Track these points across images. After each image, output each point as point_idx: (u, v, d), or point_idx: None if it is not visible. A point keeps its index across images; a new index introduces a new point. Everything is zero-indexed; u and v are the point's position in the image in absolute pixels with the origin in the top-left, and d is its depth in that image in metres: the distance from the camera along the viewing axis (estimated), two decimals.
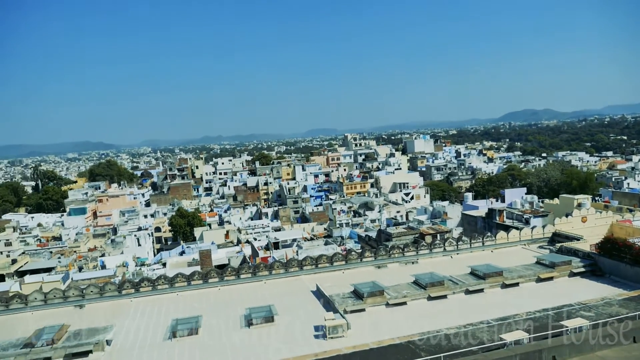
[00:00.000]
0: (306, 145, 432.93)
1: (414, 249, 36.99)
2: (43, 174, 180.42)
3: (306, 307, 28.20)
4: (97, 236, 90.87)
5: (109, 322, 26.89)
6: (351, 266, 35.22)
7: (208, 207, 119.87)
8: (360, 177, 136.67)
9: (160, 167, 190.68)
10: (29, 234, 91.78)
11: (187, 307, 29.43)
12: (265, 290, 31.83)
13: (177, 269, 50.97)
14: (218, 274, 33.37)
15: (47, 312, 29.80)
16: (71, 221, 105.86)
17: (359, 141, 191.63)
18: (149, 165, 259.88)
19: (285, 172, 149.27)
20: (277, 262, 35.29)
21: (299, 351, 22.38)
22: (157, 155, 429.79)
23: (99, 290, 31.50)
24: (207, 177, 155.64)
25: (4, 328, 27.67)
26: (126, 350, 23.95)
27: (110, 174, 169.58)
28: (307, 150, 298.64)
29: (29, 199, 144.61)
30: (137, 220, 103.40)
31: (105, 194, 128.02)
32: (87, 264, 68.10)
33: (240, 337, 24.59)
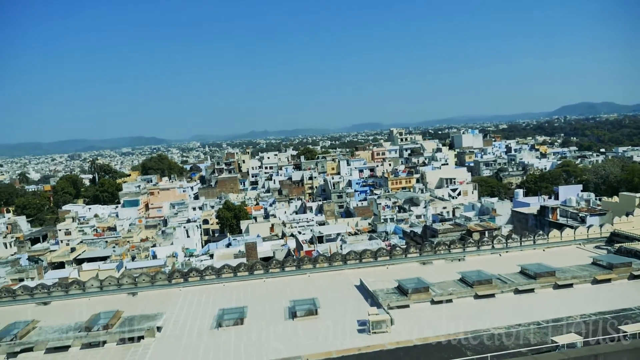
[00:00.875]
0: (351, 140, 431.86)
1: (460, 246, 36.19)
2: (100, 167, 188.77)
3: (349, 301, 28.18)
4: (149, 227, 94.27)
5: (160, 310, 27.86)
6: (395, 262, 34.88)
7: (254, 200, 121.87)
8: (405, 172, 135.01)
9: (209, 162, 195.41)
10: (87, 224, 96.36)
11: (233, 298, 30.06)
12: (309, 284, 32.04)
13: (223, 260, 52.20)
14: (263, 266, 33.87)
15: (103, 299, 31.20)
16: (125, 212, 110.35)
17: (404, 136, 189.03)
18: (198, 159, 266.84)
19: (330, 167, 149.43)
20: (321, 256, 35.43)
21: (342, 345, 22.40)
22: (206, 150, 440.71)
23: (150, 279, 32.67)
24: (253, 171, 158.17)
25: (63, 312, 29.23)
26: (175, 337, 24.74)
27: (162, 168, 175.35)
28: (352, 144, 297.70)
29: (86, 191, 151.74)
30: (186, 212, 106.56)
31: (157, 187, 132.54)
32: (140, 254, 70.82)
33: (284, 329, 24.88)
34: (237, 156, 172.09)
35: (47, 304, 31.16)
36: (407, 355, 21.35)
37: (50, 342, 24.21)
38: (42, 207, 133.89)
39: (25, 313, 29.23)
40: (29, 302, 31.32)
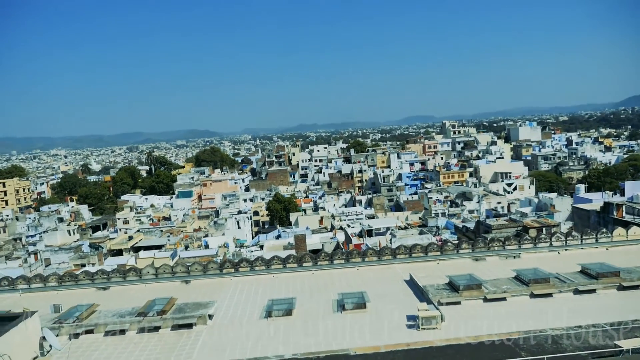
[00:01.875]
0: (402, 133, 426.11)
1: (516, 243, 34.81)
2: (156, 159, 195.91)
3: (398, 296, 27.75)
4: (202, 218, 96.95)
5: (211, 298, 28.49)
6: (446, 257, 34.03)
7: (303, 193, 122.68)
8: (458, 165, 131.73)
9: (259, 154, 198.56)
10: (143, 213, 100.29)
11: (282, 289, 30.32)
12: (357, 277, 31.83)
13: (273, 251, 52.86)
14: (312, 258, 33.95)
15: (158, 286, 32.30)
16: (179, 203, 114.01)
17: (457, 128, 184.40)
18: (249, 152, 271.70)
19: (380, 160, 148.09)
20: (370, 249, 35.11)
21: (390, 339, 22.10)
22: (257, 143, 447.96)
23: (202, 268, 33.50)
24: (303, 164, 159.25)
25: (121, 297, 30.51)
26: (226, 325, 25.24)
27: (214, 160, 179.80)
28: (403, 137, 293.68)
29: (143, 181, 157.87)
30: (237, 204, 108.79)
31: (209, 178, 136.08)
32: (192, 243, 72.96)
33: (332, 321, 24.83)
34: (287, 149, 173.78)
35: (107, 289, 32.62)
36: (457, 353, 20.76)
37: (109, 326, 25.30)
38: (103, 196, 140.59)
39: (87, 297, 30.73)
40: (90, 287, 32.90)
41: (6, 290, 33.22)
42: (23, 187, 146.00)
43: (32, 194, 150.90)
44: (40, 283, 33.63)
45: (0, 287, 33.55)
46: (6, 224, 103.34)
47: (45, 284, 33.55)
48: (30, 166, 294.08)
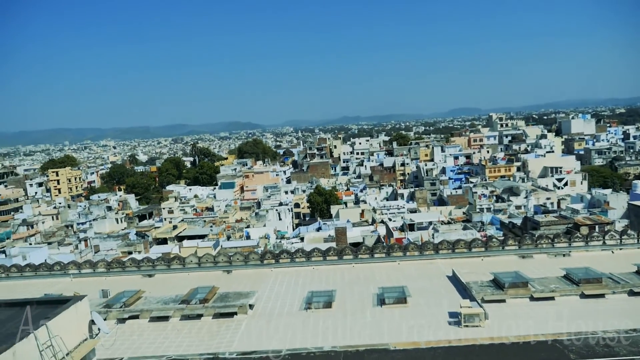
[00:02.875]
0: (446, 126, 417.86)
1: (565, 240, 33.34)
2: (200, 150, 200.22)
3: (440, 292, 27.15)
4: (244, 209, 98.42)
5: (252, 288, 28.78)
6: (491, 254, 32.99)
7: (345, 186, 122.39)
8: (505, 159, 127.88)
9: (301, 146, 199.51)
10: (187, 204, 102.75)
11: (322, 281, 30.26)
12: (398, 271, 31.37)
13: (313, 243, 52.95)
14: (352, 251, 33.72)
15: (200, 274, 32.94)
16: (222, 194, 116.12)
17: (505, 121, 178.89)
18: (291, 144, 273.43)
19: (424, 153, 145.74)
20: (412, 244, 34.50)
21: (431, 335, 21.64)
22: (298, 135, 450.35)
23: (244, 259, 33.90)
24: (344, 157, 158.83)
25: (165, 285, 31.30)
26: (266, 316, 25.43)
27: (256, 152, 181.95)
28: (448, 130, 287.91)
29: (187, 172, 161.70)
30: (278, 195, 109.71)
31: (251, 170, 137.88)
32: (234, 234, 74.18)
33: (372, 315, 24.58)
34: (329, 141, 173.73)
35: (152, 276, 33.54)
36: (501, 352, 20.09)
37: (153, 312, 26.00)
38: (149, 186, 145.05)
39: (133, 283, 31.70)
40: (136, 274, 33.92)
41: (58, 274, 34.75)
42: (75, 177, 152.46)
43: (83, 183, 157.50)
44: (89, 269, 34.98)
45: (53, 271, 35.12)
46: (59, 212, 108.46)
47: (94, 269, 34.88)
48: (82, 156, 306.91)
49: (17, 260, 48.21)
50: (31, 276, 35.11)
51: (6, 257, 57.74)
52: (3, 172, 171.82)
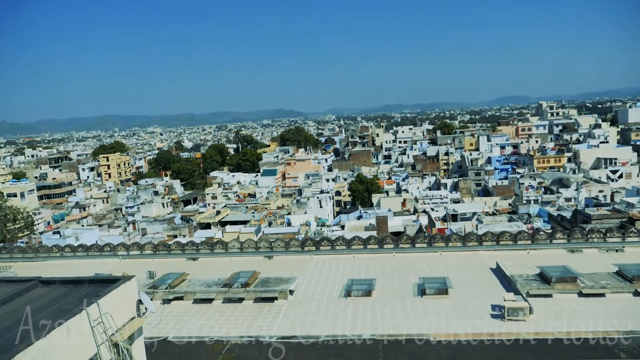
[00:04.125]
0: (493, 114, 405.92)
1: (619, 235, 31.83)
2: (243, 137, 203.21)
3: (483, 284, 26.56)
4: (285, 196, 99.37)
5: (292, 274, 29.08)
6: (538, 247, 31.94)
7: (386, 174, 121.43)
8: (555, 150, 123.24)
9: (343, 135, 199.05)
10: (230, 190, 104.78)
11: (362, 269, 30.21)
12: (440, 262, 30.90)
13: (354, 232, 52.89)
14: (393, 240, 33.44)
15: (242, 259, 33.54)
16: (264, 181, 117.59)
17: (555, 110, 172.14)
18: (333, 132, 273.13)
19: (468, 143, 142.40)
20: (455, 234, 33.86)
21: (473, 328, 21.24)
22: (340, 123, 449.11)
23: (284, 245, 34.25)
24: (386, 145, 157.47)
25: (208, 268, 32.09)
26: (306, 302, 25.66)
27: (298, 140, 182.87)
28: (494, 119, 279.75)
29: (231, 159, 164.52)
30: (319, 183, 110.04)
31: (293, 158, 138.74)
32: (276, 220, 75.07)
33: (412, 305, 24.35)
34: (371, 130, 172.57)
35: (195, 259, 34.45)
36: (546, 348, 19.48)
37: (197, 294, 26.73)
38: (194, 172, 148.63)
39: (178, 266, 32.68)
40: (181, 257, 34.93)
41: (108, 255, 36.25)
42: (124, 162, 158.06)
43: (131, 168, 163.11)
44: (137, 251, 36.29)
45: (103, 252, 36.66)
46: (109, 195, 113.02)
47: (141, 251, 36.15)
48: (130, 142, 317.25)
49: (70, 241, 50.67)
50: (83, 256, 36.79)
51: (60, 237, 60.78)
52: (58, 157, 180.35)
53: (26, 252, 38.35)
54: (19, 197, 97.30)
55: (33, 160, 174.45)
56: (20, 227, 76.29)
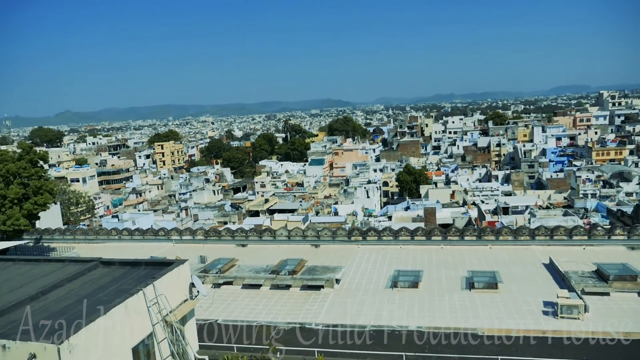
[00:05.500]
0: (549, 104, 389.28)
1: None
2: (291, 127, 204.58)
3: (535, 280, 25.80)
4: (332, 185, 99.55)
5: (339, 263, 29.31)
6: (595, 243, 30.62)
7: (435, 165, 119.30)
8: (616, 141, 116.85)
9: (391, 125, 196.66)
10: (278, 178, 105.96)
11: (409, 261, 30.02)
12: (489, 256, 30.23)
13: (401, 223, 52.42)
14: (441, 232, 32.98)
15: (290, 247, 34.10)
16: (311, 170, 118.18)
17: (617, 99, 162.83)
18: (381, 122, 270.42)
19: (522, 134, 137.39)
20: (506, 228, 33.00)
21: (523, 324, 20.72)
22: (389, 113, 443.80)
23: (331, 234, 34.51)
24: (436, 136, 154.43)
25: (257, 255, 32.84)
26: (352, 291, 25.82)
27: (346, 130, 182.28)
28: (550, 109, 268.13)
29: (279, 148, 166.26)
30: (367, 173, 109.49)
31: (341, 147, 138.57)
32: (323, 210, 75.44)
33: (460, 299, 24.01)
34: (420, 120, 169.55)
35: (245, 246, 35.32)
36: (602, 349, 18.72)
37: (246, 280, 27.46)
38: (243, 161, 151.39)
39: (228, 251, 33.63)
40: (231, 243, 35.91)
41: (162, 239, 37.77)
42: (177, 150, 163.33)
43: (184, 156, 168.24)
44: (189, 236, 37.61)
45: (158, 236, 38.23)
46: (163, 182, 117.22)
47: (193, 237, 37.44)
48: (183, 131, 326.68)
49: (127, 225, 53.10)
50: (139, 239, 38.53)
51: (119, 221, 63.79)
52: (116, 145, 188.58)
53: (88, 234, 40.58)
54: (81, 183, 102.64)
55: (94, 147, 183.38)
56: (82, 211, 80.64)
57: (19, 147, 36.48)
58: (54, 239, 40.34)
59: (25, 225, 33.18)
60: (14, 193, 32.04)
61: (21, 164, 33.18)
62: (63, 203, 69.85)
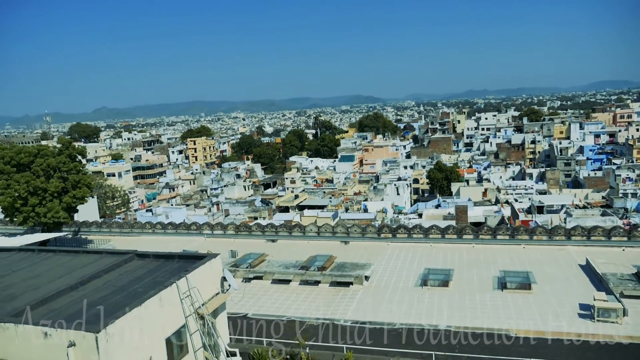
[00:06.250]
0: (587, 100, 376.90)
1: None
2: (321, 123, 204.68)
3: (571, 281, 25.13)
4: (362, 182, 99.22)
5: (368, 260, 29.25)
6: (636, 244, 29.58)
7: (467, 163, 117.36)
8: None
9: (422, 121, 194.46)
10: (308, 175, 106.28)
11: (439, 259, 29.69)
12: (523, 255, 29.60)
13: (432, 220, 51.83)
14: (473, 231, 32.49)
15: (319, 243, 34.21)
16: (341, 166, 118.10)
17: None
18: (412, 118, 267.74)
19: (558, 130, 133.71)
20: (540, 227, 32.25)
21: (558, 326, 20.23)
22: (420, 109, 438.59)
23: (361, 231, 34.46)
24: (468, 132, 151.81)
25: (286, 250, 33.08)
26: (381, 288, 25.73)
27: (377, 126, 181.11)
28: (588, 105, 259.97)
29: (310, 144, 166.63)
30: (397, 170, 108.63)
31: (371, 144, 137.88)
32: (352, 206, 75.31)
33: (491, 299, 23.62)
34: (452, 116, 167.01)
35: (275, 241, 35.62)
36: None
37: (275, 275, 27.73)
38: (273, 157, 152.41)
39: (258, 246, 33.99)
40: (261, 238, 36.28)
41: (194, 233, 38.50)
42: (209, 146, 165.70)
43: (216, 152, 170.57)
44: (220, 230, 38.19)
45: (190, 230, 38.97)
46: (195, 177, 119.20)
47: (224, 231, 38.01)
48: (215, 127, 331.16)
49: (161, 219, 54.30)
50: (172, 233, 39.38)
51: (152, 215, 65.32)
52: (150, 140, 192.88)
53: (123, 227, 41.73)
54: (117, 177, 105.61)
55: (129, 143, 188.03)
56: (118, 205, 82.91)
57: (58, 142, 37.62)
58: (91, 231, 41.67)
59: (65, 217, 34.32)
60: (54, 186, 33.18)
61: (61, 159, 34.31)
62: (100, 197, 71.95)
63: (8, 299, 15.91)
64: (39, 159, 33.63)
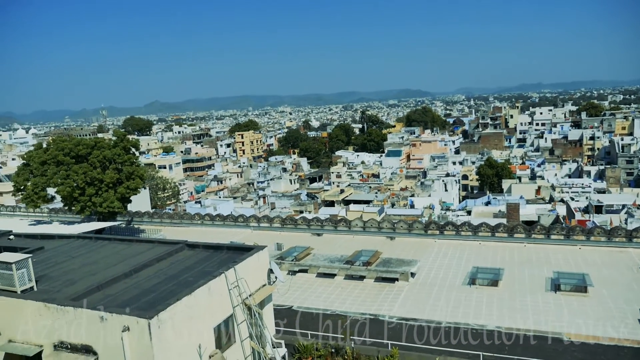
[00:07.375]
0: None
1: None
2: (368, 117, 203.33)
3: (630, 285, 23.84)
4: (409, 177, 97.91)
5: (414, 257, 28.81)
6: None
7: (519, 159, 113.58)
8: None
9: (473, 116, 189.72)
10: (354, 169, 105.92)
11: (489, 258, 28.88)
12: (578, 257, 28.31)
13: (481, 218, 50.49)
14: (525, 229, 31.37)
15: (364, 238, 34.04)
16: (388, 161, 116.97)
17: None
18: (462, 113, 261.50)
19: (620, 126, 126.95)
20: (598, 228, 30.70)
21: (615, 332, 19.23)
22: (470, 104, 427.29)
23: (407, 227, 34.00)
24: (521, 128, 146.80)
25: (331, 244, 33.12)
26: (427, 286, 25.32)
27: (425, 120, 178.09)
28: None
29: (356, 139, 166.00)
30: (445, 166, 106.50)
31: (419, 139, 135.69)
32: (399, 202, 74.50)
33: (544, 301, 22.74)
34: (505, 110, 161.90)
35: (320, 235, 35.74)
36: None
37: (320, 268, 27.82)
38: (320, 151, 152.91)
39: (303, 240, 34.21)
40: (306, 232, 36.49)
41: (241, 225, 39.21)
42: (256, 139, 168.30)
43: (262, 146, 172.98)
44: (267, 223, 38.71)
45: (237, 222, 39.72)
46: (243, 170, 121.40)
47: (270, 224, 38.49)
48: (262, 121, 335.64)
49: (209, 210, 55.72)
50: (220, 225, 40.29)
51: (201, 206, 67.13)
52: (200, 134, 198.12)
53: (173, 218, 43.09)
54: (168, 169, 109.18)
55: (179, 136, 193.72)
56: (168, 196, 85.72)
57: (114, 135, 39.24)
58: (143, 221, 43.25)
59: (119, 207, 35.79)
60: (109, 177, 34.65)
61: (116, 151, 35.77)
62: (151, 188, 74.56)
63: (68, 283, 16.76)
64: (95, 151, 35.17)
